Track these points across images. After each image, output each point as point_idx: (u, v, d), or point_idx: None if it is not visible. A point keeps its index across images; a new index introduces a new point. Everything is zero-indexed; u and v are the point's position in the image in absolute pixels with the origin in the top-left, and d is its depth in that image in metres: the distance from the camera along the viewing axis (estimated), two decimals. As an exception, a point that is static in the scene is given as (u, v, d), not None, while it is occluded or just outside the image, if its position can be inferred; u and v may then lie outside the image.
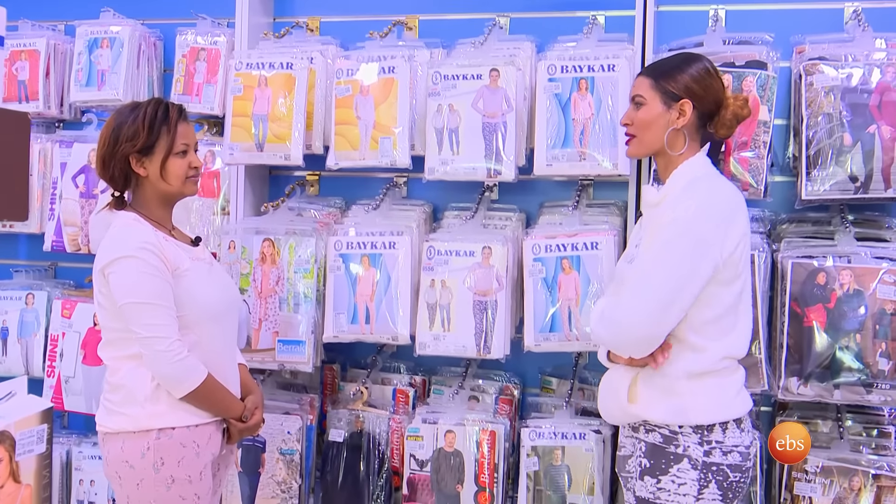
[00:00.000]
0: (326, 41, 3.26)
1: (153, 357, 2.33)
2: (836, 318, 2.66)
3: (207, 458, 2.44)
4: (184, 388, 2.37)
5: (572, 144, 2.87)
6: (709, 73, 2.31)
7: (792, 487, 2.76)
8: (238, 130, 3.12)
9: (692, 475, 2.18)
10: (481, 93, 2.92)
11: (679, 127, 2.28)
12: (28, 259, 3.76)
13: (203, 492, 2.43)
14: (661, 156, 2.33)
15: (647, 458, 2.24)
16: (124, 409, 2.39)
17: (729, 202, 2.22)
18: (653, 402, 2.23)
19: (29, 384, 3.62)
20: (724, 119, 2.33)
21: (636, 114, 2.32)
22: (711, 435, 2.19)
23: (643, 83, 2.32)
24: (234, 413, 2.52)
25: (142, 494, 2.37)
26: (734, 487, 2.21)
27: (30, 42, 3.51)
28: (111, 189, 2.51)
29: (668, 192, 2.29)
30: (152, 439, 2.36)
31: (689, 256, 2.13)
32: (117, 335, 2.41)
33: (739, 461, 2.21)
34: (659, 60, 2.40)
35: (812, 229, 2.88)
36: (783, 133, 2.96)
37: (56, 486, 3.41)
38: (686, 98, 2.27)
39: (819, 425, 2.89)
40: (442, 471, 2.94)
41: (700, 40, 2.88)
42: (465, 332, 2.90)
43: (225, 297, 2.56)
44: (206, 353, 2.44)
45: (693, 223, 2.14)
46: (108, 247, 2.39)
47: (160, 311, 2.33)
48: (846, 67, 2.71)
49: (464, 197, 3.22)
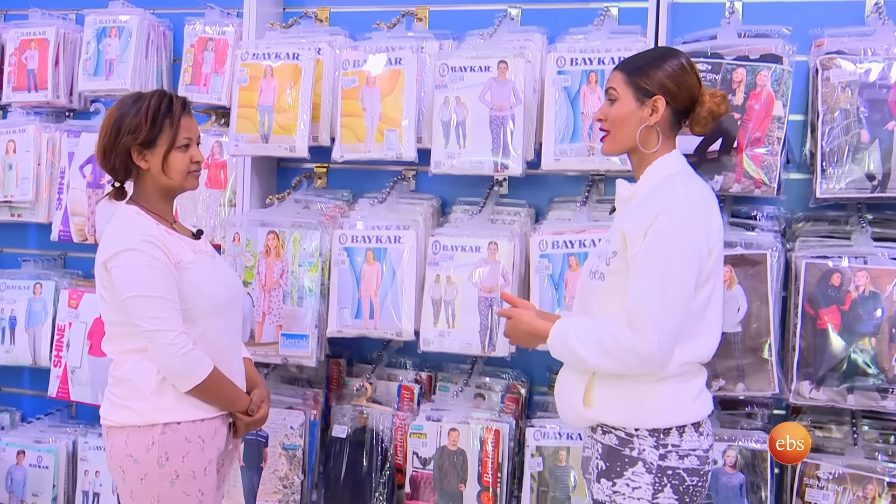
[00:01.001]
0: (335, 31, 3.24)
1: (158, 350, 2.32)
2: (850, 321, 2.60)
3: (212, 454, 2.43)
4: (190, 382, 2.35)
5: (581, 139, 2.83)
6: (684, 69, 2.24)
7: (804, 494, 2.71)
8: (243, 122, 3.11)
9: (646, 479, 2.14)
10: (489, 85, 2.88)
11: (652, 124, 2.21)
12: (38, 248, 3.76)
13: (207, 488, 2.42)
14: (635, 153, 2.27)
15: (603, 460, 2.20)
16: (129, 403, 2.38)
17: (705, 203, 2.17)
18: (608, 405, 2.18)
19: (35, 374, 3.70)
20: (699, 116, 2.26)
21: (609, 109, 2.26)
22: (668, 438, 2.14)
23: (617, 77, 2.26)
24: (241, 406, 2.50)
25: (145, 489, 2.36)
26: (691, 492, 2.16)
27: (39, 31, 3.51)
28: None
29: (640, 188, 2.23)
30: (157, 434, 2.35)
31: (690, 270, 2.08)
32: (121, 329, 2.40)
33: (697, 465, 2.16)
34: (634, 55, 2.32)
35: (828, 228, 2.82)
36: (801, 129, 2.90)
37: (62, 476, 3.43)
38: (659, 95, 2.20)
39: (833, 431, 2.84)
40: (445, 469, 2.92)
41: (714, 33, 2.82)
42: (470, 328, 2.88)
43: (228, 290, 2.55)
44: (212, 346, 2.42)
45: (683, 229, 2.08)
46: (109, 240, 2.38)
47: (164, 304, 2.32)
48: (865, 62, 2.65)
49: (473, 191, 3.18)
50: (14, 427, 3.64)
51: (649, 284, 2.07)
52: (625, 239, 2.14)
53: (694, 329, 2.15)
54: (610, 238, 2.24)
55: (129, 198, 2.48)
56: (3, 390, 3.82)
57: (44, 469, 3.41)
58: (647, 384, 2.14)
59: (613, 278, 2.17)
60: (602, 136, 2.31)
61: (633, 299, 2.08)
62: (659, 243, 2.07)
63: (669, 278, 2.06)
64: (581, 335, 2.14)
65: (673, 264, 2.07)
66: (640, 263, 2.09)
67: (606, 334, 2.10)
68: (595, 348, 2.12)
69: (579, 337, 2.14)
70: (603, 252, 2.24)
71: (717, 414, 2.82)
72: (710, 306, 2.18)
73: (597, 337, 2.12)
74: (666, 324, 2.06)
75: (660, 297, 2.06)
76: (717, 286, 2.19)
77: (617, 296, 2.16)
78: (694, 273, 2.09)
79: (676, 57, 2.26)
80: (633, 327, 2.06)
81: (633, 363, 2.09)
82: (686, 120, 2.28)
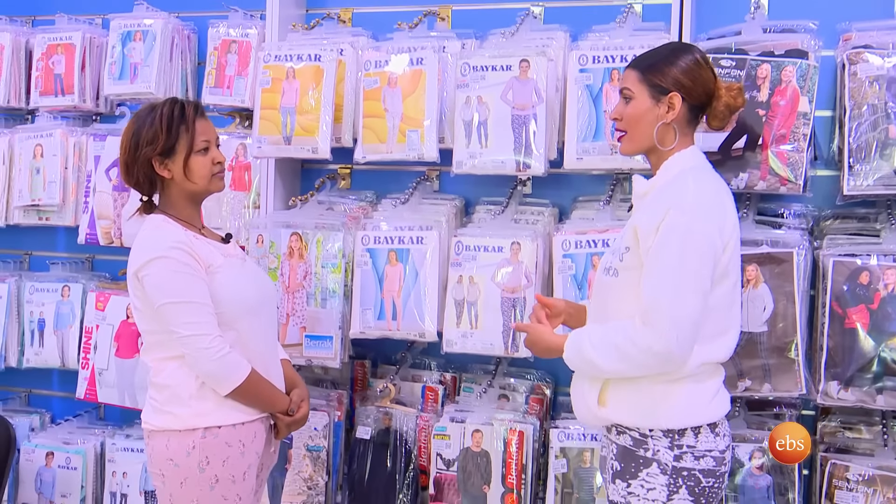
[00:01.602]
0: (357, 32, 3.24)
1: (195, 355, 2.33)
2: (879, 320, 2.57)
3: (252, 458, 2.44)
4: (229, 385, 2.36)
5: (603, 137, 2.81)
6: (698, 63, 2.21)
7: (832, 496, 2.68)
8: (266, 123, 3.12)
9: (661, 480, 2.11)
10: (511, 84, 2.87)
11: (669, 121, 2.19)
12: (66, 251, 3.80)
13: (245, 492, 2.43)
14: (653, 151, 2.24)
15: (617, 460, 2.18)
16: (170, 408, 2.40)
17: (718, 198, 2.14)
18: (623, 405, 2.16)
19: (64, 376, 3.73)
20: (716, 111, 2.23)
21: (625, 109, 2.23)
22: (683, 439, 2.12)
23: (631, 76, 2.23)
24: (281, 407, 2.51)
25: (185, 493, 2.37)
26: (707, 493, 2.13)
27: (66, 36, 3.54)
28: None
29: (654, 183, 2.22)
30: (198, 438, 2.36)
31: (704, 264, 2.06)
32: (157, 337, 2.41)
33: (713, 466, 2.13)
34: (647, 52, 2.29)
35: (857, 226, 2.79)
36: (828, 125, 2.86)
37: (90, 477, 3.46)
38: (675, 91, 2.17)
39: (862, 432, 2.81)
40: (469, 471, 2.92)
41: (739, 28, 2.80)
42: (493, 329, 2.87)
43: (260, 292, 2.55)
44: (248, 349, 2.43)
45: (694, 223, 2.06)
46: (139, 250, 2.39)
47: (198, 309, 2.33)
48: (893, 56, 2.61)
49: (497, 191, 3.17)
50: (44, 429, 3.67)
51: (662, 280, 2.05)
52: (636, 235, 2.13)
53: (714, 328, 2.12)
54: (623, 234, 2.22)
55: (155, 208, 2.50)
56: (33, 392, 3.87)
57: (72, 470, 3.44)
58: (662, 384, 2.12)
59: (627, 274, 2.15)
60: (619, 136, 2.29)
61: (646, 296, 2.06)
62: (670, 238, 2.05)
63: (682, 273, 2.04)
64: (595, 342, 2.12)
65: (685, 259, 2.04)
66: (653, 259, 2.07)
67: (622, 338, 2.07)
68: (612, 354, 2.09)
69: (593, 344, 2.12)
70: (616, 248, 2.23)
71: (744, 415, 2.81)
72: (725, 304, 2.14)
73: (612, 342, 2.09)
74: (681, 319, 2.03)
75: (673, 292, 2.04)
76: (735, 284, 2.17)
77: (631, 292, 2.14)
78: (709, 268, 2.06)
79: (690, 52, 2.23)
80: (648, 325, 2.04)
81: (652, 363, 2.06)
82: (703, 115, 2.25)
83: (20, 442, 3.49)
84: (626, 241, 2.17)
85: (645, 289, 2.07)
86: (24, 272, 3.76)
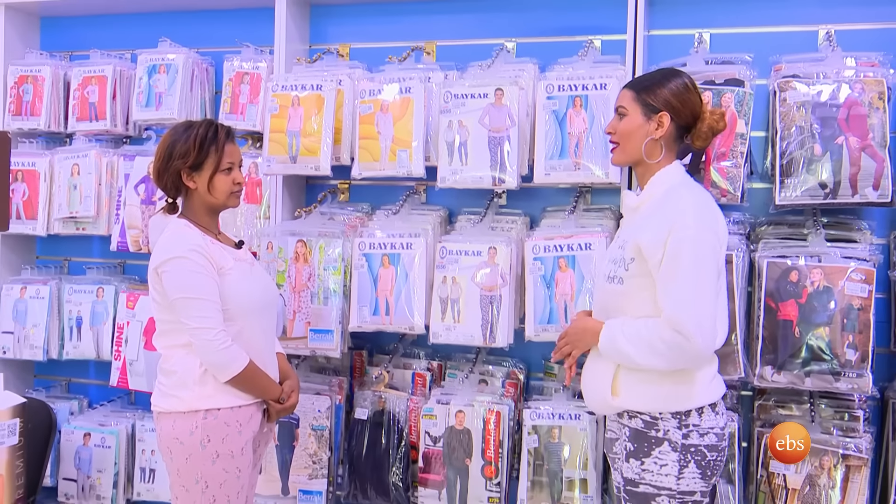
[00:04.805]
0: (354, 65, 3.22)
1: (201, 345, 2.32)
2: (807, 313, 2.58)
3: (248, 436, 2.42)
4: (228, 373, 2.35)
5: (568, 156, 2.80)
6: (687, 88, 2.20)
7: (768, 465, 2.68)
8: (274, 145, 3.10)
9: (673, 457, 2.10)
10: (487, 110, 2.86)
11: (657, 137, 2.18)
12: (100, 257, 3.77)
13: (244, 465, 2.41)
14: (640, 164, 2.23)
15: (631, 442, 2.16)
16: (176, 392, 2.38)
17: (710, 208, 2.14)
18: (634, 393, 2.15)
19: (99, 366, 3.70)
20: (700, 131, 2.22)
21: (619, 124, 2.23)
22: (689, 419, 2.11)
23: (626, 95, 2.23)
24: (273, 395, 2.49)
25: (190, 467, 2.36)
26: (712, 465, 2.13)
27: (99, 69, 3.51)
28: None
29: (646, 197, 2.20)
30: (200, 419, 2.35)
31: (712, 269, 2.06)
32: (169, 326, 2.40)
33: (716, 441, 2.13)
34: (642, 75, 2.30)
35: (788, 231, 2.79)
36: (762, 144, 2.86)
37: (122, 455, 3.44)
38: (665, 111, 2.17)
39: (793, 409, 2.81)
40: (453, 446, 2.90)
41: (684, 61, 2.79)
42: (473, 323, 2.85)
43: (264, 294, 2.54)
44: (248, 342, 2.42)
45: (699, 235, 2.04)
46: (161, 249, 2.38)
47: (207, 305, 2.32)
48: (817, 84, 2.62)
49: (476, 202, 3.16)
50: (82, 412, 3.64)
51: (682, 292, 2.03)
52: (640, 249, 2.10)
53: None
54: (623, 245, 2.18)
55: (179, 212, 2.49)
56: (72, 381, 3.83)
57: (107, 449, 3.42)
58: (669, 373, 2.10)
59: (632, 282, 2.13)
60: (612, 147, 2.27)
61: (670, 307, 2.03)
62: (681, 252, 2.03)
63: (698, 280, 2.03)
64: (629, 337, 2.10)
65: (699, 268, 2.03)
66: (669, 273, 2.04)
67: (654, 337, 2.05)
68: (644, 349, 2.07)
69: (628, 338, 2.10)
70: (619, 259, 2.18)
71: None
72: (720, 300, 2.15)
73: (644, 339, 2.07)
74: (704, 321, 2.03)
75: (693, 300, 2.02)
76: (723, 281, 2.17)
77: (635, 297, 2.13)
78: (715, 271, 2.07)
79: (681, 77, 2.22)
80: (676, 331, 2.01)
81: (686, 360, 2.06)
82: (688, 135, 2.24)
83: (61, 424, 3.48)
84: (630, 253, 2.13)
85: (667, 298, 2.04)
86: (64, 276, 3.72)
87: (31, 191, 3.56)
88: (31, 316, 3.55)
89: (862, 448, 2.58)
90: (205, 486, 2.35)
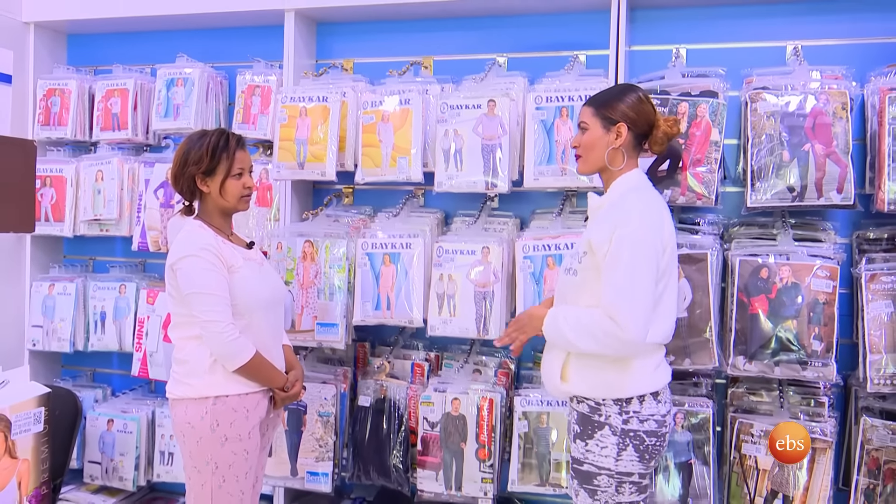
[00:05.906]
0: (357, 78, 3.25)
1: (211, 337, 2.35)
2: (776, 307, 2.61)
3: (255, 421, 2.45)
4: (235, 363, 2.38)
5: (555, 162, 2.84)
6: (641, 100, 2.24)
7: (740, 448, 2.71)
8: (283, 152, 3.13)
9: (612, 440, 2.13)
10: (480, 120, 2.90)
11: (617, 146, 2.22)
12: (123, 257, 3.81)
13: (251, 448, 2.44)
14: (605, 171, 2.27)
15: (578, 424, 2.20)
16: (188, 380, 2.41)
17: (658, 211, 2.16)
18: (580, 380, 2.19)
19: (121, 357, 3.74)
20: (656, 137, 2.26)
21: (582, 137, 2.27)
22: (630, 406, 2.14)
23: (586, 111, 2.27)
24: (278, 384, 2.51)
25: (201, 449, 2.39)
26: (650, 450, 2.15)
27: (121, 82, 3.55)
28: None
29: (605, 200, 2.25)
30: (210, 405, 2.38)
31: (650, 267, 2.08)
32: (182, 319, 2.43)
33: (655, 428, 2.15)
34: (599, 92, 2.32)
35: (759, 231, 2.82)
36: (734, 151, 2.90)
37: (143, 439, 3.48)
38: (622, 122, 2.21)
39: (763, 396, 2.84)
40: (449, 431, 2.94)
41: (663, 74, 2.83)
42: (467, 317, 2.89)
43: (272, 291, 2.56)
44: (255, 335, 2.44)
45: (639, 234, 2.08)
46: (177, 248, 2.41)
47: (217, 300, 2.35)
48: (785, 95, 2.66)
49: (470, 205, 3.20)
50: (105, 400, 3.68)
51: (619, 283, 2.06)
52: (591, 245, 2.15)
53: (655, 315, 2.12)
54: (581, 242, 2.24)
55: (195, 215, 2.52)
56: (96, 371, 3.88)
57: (129, 434, 3.46)
58: (612, 362, 2.14)
59: (584, 274, 2.18)
60: (577, 158, 2.32)
61: (608, 297, 2.08)
62: (622, 248, 2.07)
63: (635, 276, 2.06)
64: (571, 323, 2.13)
65: (637, 264, 2.06)
66: (610, 266, 2.08)
67: (593, 324, 2.09)
68: (584, 335, 2.11)
69: (569, 324, 2.14)
70: (575, 253, 2.25)
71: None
72: (665, 296, 2.16)
73: (584, 325, 2.11)
74: (638, 313, 2.05)
75: (630, 292, 2.06)
76: (671, 280, 2.18)
77: (588, 288, 2.16)
78: (654, 269, 2.09)
79: (634, 91, 2.26)
80: (612, 320, 2.05)
81: (618, 347, 2.08)
82: (646, 142, 2.28)
83: (86, 411, 3.51)
84: (583, 248, 2.19)
85: (606, 290, 2.08)
86: (89, 273, 3.77)
87: (59, 195, 3.60)
88: (59, 311, 3.60)
89: (827, 432, 2.62)
90: (215, 466, 2.38)
